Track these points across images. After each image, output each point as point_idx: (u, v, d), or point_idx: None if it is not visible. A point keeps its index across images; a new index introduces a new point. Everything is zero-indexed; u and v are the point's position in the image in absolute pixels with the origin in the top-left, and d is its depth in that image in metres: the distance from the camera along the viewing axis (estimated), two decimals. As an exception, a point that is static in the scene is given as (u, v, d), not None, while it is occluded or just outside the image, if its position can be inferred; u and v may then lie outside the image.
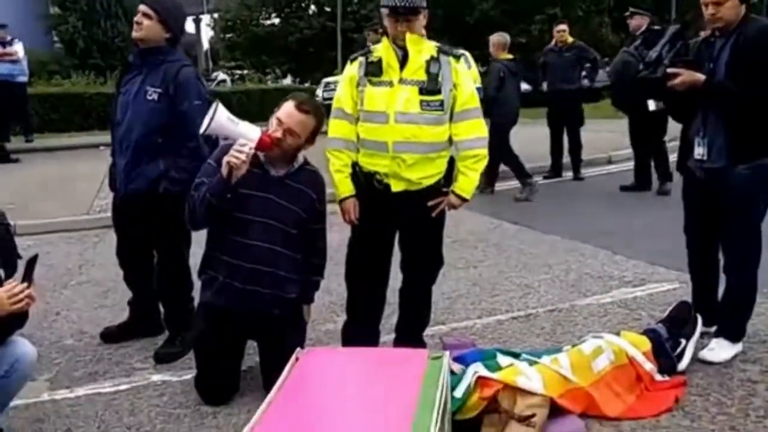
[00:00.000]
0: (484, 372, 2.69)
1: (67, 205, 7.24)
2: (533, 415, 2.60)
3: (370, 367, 2.47)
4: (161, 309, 3.78)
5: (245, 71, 23.42)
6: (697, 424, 2.77)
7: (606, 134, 10.18)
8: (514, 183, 7.99)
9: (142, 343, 3.73)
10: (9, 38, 10.63)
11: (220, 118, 2.87)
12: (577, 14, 20.64)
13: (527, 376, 2.73)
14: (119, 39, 18.36)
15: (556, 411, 2.70)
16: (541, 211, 6.86)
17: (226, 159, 2.83)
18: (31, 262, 2.49)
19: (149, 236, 3.58)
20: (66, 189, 8.03)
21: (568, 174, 8.50)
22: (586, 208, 6.99)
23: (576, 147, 8.40)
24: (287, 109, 2.99)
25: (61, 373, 3.45)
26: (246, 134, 2.87)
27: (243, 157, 2.80)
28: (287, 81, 23.88)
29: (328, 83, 16.82)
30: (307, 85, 21.93)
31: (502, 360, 2.83)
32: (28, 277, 2.46)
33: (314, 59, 26.38)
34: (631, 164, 7.89)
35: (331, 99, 3.45)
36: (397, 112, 3.03)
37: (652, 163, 7.46)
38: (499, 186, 7.87)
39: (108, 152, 3.83)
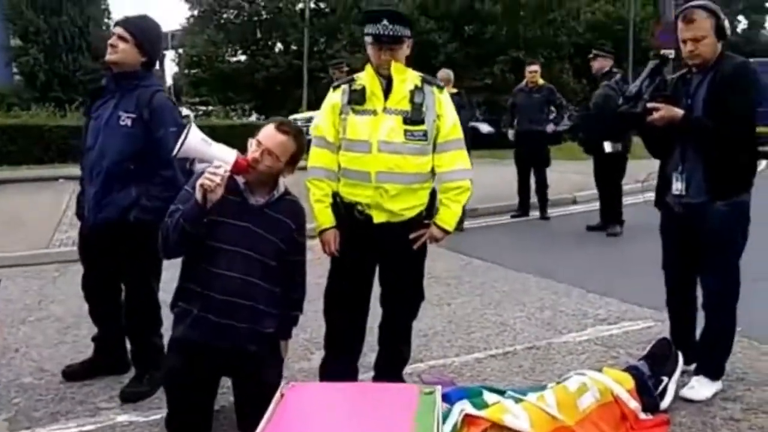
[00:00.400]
0: (471, 410, 2.61)
1: (25, 238, 7.00)
2: (521, 455, 2.53)
3: (360, 403, 2.36)
4: (128, 346, 3.61)
5: (210, 107, 23.31)
6: (685, 463, 2.74)
7: (571, 175, 10.34)
8: (483, 221, 8.02)
9: (107, 382, 3.54)
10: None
11: (193, 139, 2.77)
12: (538, 60, 21.18)
13: (514, 414, 2.66)
14: (81, 72, 18.17)
15: (543, 450, 2.64)
16: (511, 249, 6.88)
17: (199, 182, 2.73)
18: None
19: (118, 267, 3.43)
20: (24, 222, 7.78)
21: (535, 213, 8.56)
22: (555, 247, 7.05)
23: (543, 187, 8.48)
24: (267, 131, 2.92)
25: (21, 413, 3.25)
26: (221, 156, 2.77)
27: (217, 179, 2.70)
28: (253, 118, 23.91)
29: (294, 120, 16.88)
30: (272, 122, 21.89)
31: (489, 397, 2.76)
32: None
33: (281, 97, 26.44)
34: (595, 205, 7.99)
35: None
36: (381, 141, 2.98)
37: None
38: (468, 224, 7.87)
39: (68, 185, 3.71)
